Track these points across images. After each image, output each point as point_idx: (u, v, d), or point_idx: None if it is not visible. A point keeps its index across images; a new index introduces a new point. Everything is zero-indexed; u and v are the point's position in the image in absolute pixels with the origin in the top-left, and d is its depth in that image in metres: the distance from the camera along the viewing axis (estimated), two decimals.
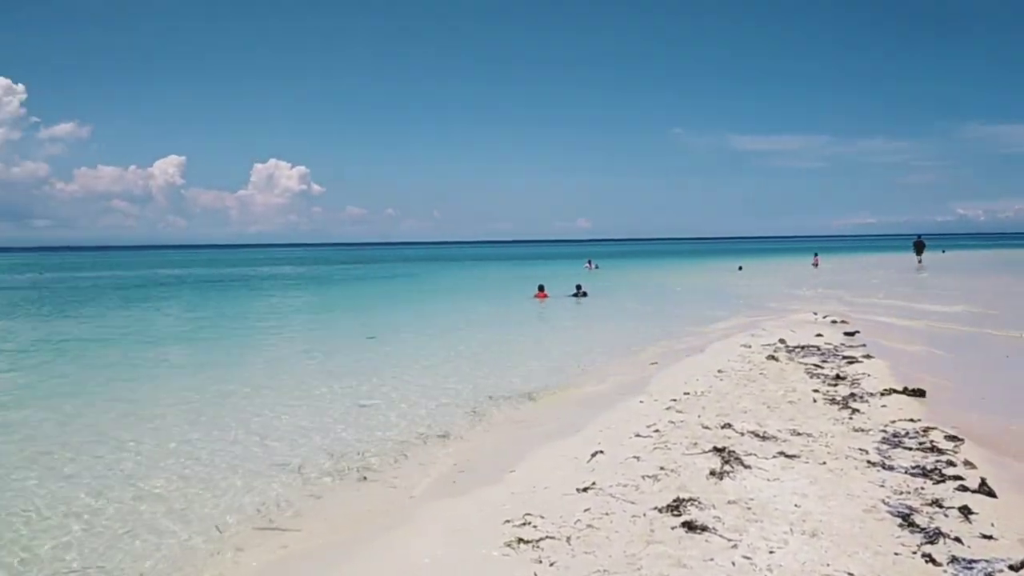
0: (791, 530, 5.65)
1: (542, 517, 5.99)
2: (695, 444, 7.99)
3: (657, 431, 8.60)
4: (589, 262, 62.29)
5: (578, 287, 31.41)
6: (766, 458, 7.45)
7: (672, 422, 9.01)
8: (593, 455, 7.72)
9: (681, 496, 6.30)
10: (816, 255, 63.50)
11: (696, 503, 6.17)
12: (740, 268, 54.03)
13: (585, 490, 6.60)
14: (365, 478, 7.71)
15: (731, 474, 6.96)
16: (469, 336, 19.27)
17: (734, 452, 7.59)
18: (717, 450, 7.68)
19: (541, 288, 30.45)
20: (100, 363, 15.45)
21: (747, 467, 7.16)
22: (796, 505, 6.16)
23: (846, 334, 16.96)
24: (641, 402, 10.37)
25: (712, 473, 6.96)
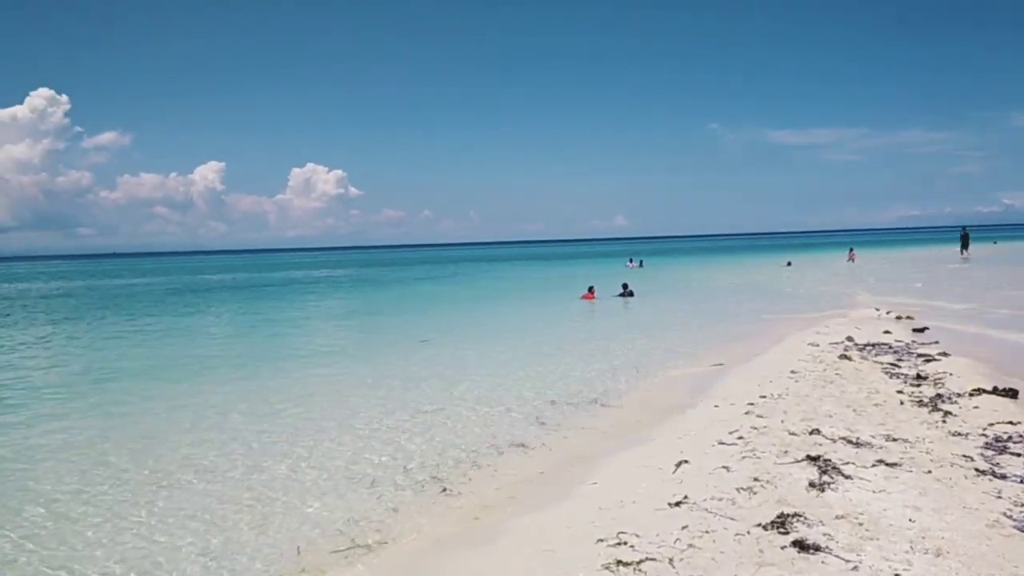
0: (912, 548, 5.19)
1: (637, 536, 5.59)
2: (785, 452, 7.53)
3: (741, 438, 8.15)
4: (631, 260, 61.47)
5: (624, 286, 30.87)
6: (865, 467, 6.96)
7: (755, 428, 8.55)
8: (678, 465, 7.31)
9: (784, 511, 5.86)
10: (852, 250, 61.56)
11: (802, 519, 5.73)
12: (788, 264, 52.77)
13: (678, 504, 6.19)
14: (443, 490, 7.39)
15: (831, 485, 6.50)
16: (521, 338, 18.93)
17: (830, 461, 7.12)
18: (811, 459, 7.21)
19: (591, 289, 29.93)
20: (160, 378, 15.27)
21: (847, 477, 6.69)
22: (911, 520, 5.69)
23: (915, 331, 16.27)
24: (716, 407, 9.91)
25: (812, 485, 6.50)
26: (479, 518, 6.52)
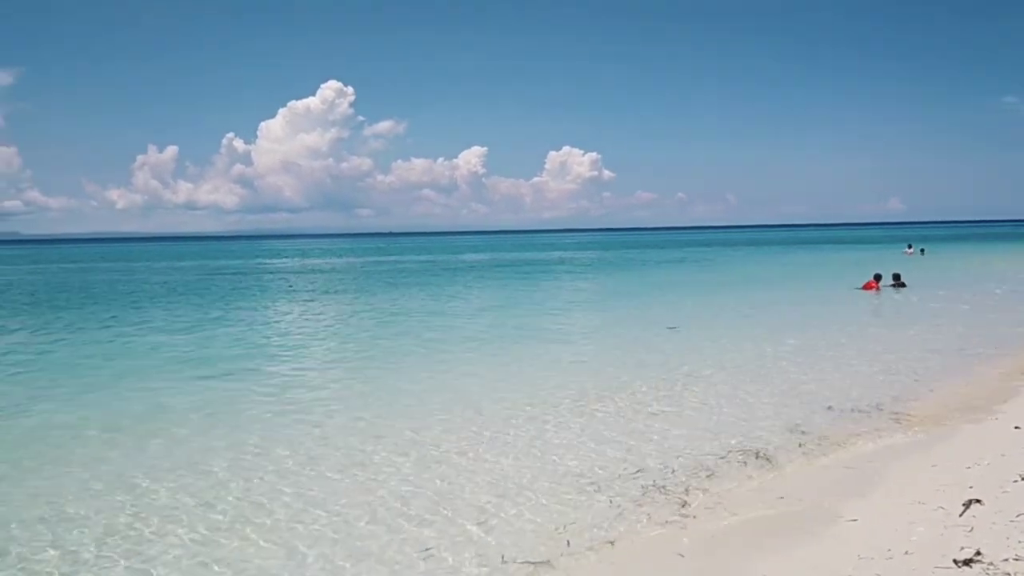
0: None
1: None
2: None
3: None
4: (909, 246, 55.69)
5: (896, 276, 27.60)
6: None
7: None
8: (967, 505, 5.88)
9: None
10: None
11: None
12: None
13: (967, 563, 4.86)
14: (667, 503, 6.54)
15: None
16: (780, 329, 17.25)
17: None
18: None
19: (877, 278, 26.83)
20: (393, 361, 15.50)
21: None
22: None
23: None
24: (1018, 428, 8.12)
25: None
26: (711, 554, 5.57)
